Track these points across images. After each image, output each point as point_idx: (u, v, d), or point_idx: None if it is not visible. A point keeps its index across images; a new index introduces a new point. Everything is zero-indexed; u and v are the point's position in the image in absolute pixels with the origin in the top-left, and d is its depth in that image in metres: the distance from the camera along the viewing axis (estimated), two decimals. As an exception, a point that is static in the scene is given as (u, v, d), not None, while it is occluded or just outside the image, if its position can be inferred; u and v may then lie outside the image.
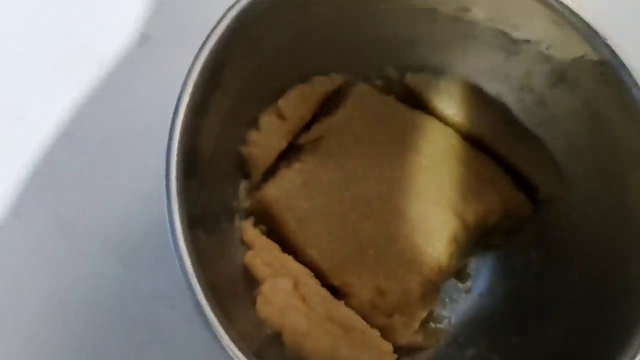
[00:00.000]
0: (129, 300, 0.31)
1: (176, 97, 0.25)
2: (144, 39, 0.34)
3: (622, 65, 0.26)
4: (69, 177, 0.33)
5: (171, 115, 0.25)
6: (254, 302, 0.27)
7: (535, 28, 0.28)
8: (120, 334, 0.31)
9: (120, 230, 0.32)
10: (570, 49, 0.27)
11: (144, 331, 0.31)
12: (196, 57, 0.24)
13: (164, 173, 0.23)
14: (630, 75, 0.26)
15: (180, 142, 0.23)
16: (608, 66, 0.26)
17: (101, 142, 0.33)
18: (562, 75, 0.29)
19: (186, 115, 0.24)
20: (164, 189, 0.23)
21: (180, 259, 0.22)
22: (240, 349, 0.22)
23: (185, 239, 0.22)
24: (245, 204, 0.30)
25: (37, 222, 0.32)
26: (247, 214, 0.30)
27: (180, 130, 0.23)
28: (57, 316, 0.31)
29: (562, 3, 0.26)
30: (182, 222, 0.22)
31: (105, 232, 0.32)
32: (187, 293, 0.29)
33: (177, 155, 0.23)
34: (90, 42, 0.34)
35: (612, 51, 0.26)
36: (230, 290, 0.25)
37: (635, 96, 0.25)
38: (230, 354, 0.21)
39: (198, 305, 0.22)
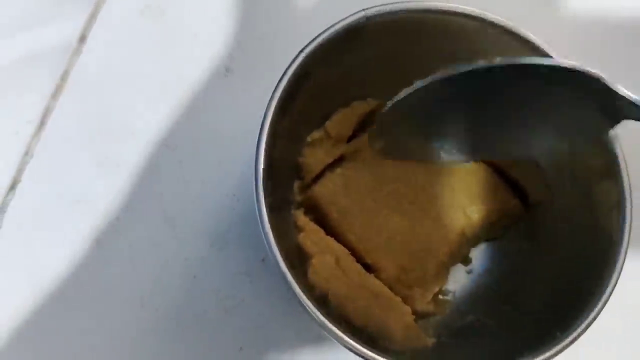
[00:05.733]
0: (218, 276, 0.36)
1: (251, 117, 0.30)
2: (227, 71, 0.39)
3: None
4: (171, 180, 0.37)
5: (247, 133, 0.30)
6: (305, 272, 0.32)
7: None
8: (212, 301, 0.36)
9: (211, 221, 0.37)
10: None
11: (230, 299, 0.36)
12: (274, 91, 0.30)
13: (251, 176, 0.28)
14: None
15: (264, 155, 0.29)
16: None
17: (194, 152, 0.37)
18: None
19: (267, 136, 0.29)
20: (254, 186, 0.28)
21: (265, 234, 0.28)
22: (309, 299, 0.28)
23: (268, 221, 0.28)
24: (298, 198, 0.35)
25: (147, 215, 0.36)
26: (299, 205, 0.35)
27: (264, 147, 0.29)
28: (164, 288, 0.36)
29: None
30: (266, 209, 0.28)
31: (200, 223, 0.36)
32: (262, 272, 0.36)
33: (263, 164, 0.29)
34: (185, 73, 0.38)
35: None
36: (291, 262, 0.29)
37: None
38: (302, 301, 0.28)
39: (277, 266, 0.28)
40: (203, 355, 0.35)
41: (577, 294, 0.31)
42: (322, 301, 0.32)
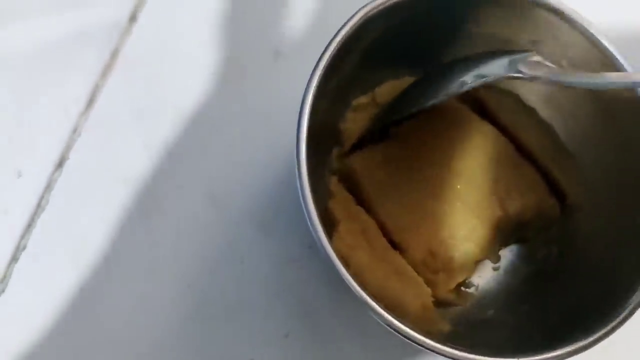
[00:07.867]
0: (266, 262, 0.36)
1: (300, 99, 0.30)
2: (277, 54, 0.39)
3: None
4: (218, 160, 0.37)
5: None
6: (331, 236, 0.31)
7: (590, 68, 0.32)
8: (259, 287, 0.35)
9: (259, 206, 0.36)
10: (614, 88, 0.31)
11: (278, 286, 0.35)
12: (314, 70, 0.29)
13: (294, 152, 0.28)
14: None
15: (307, 127, 0.29)
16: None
17: (243, 135, 0.38)
18: (604, 109, 0.33)
19: (309, 110, 0.29)
20: (295, 151, 0.28)
21: (303, 193, 0.28)
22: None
23: (308, 181, 0.28)
24: (335, 164, 0.35)
25: (194, 196, 0.36)
26: (335, 171, 0.35)
27: (307, 122, 0.29)
28: (210, 270, 0.35)
29: (612, 53, 0.31)
30: (307, 171, 0.28)
31: (248, 206, 0.36)
32: (311, 259, 0.36)
33: (305, 137, 0.28)
34: (235, 56, 0.39)
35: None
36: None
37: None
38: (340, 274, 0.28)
39: (314, 227, 0.28)
40: (248, 340, 0.35)
41: (604, 302, 0.30)
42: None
